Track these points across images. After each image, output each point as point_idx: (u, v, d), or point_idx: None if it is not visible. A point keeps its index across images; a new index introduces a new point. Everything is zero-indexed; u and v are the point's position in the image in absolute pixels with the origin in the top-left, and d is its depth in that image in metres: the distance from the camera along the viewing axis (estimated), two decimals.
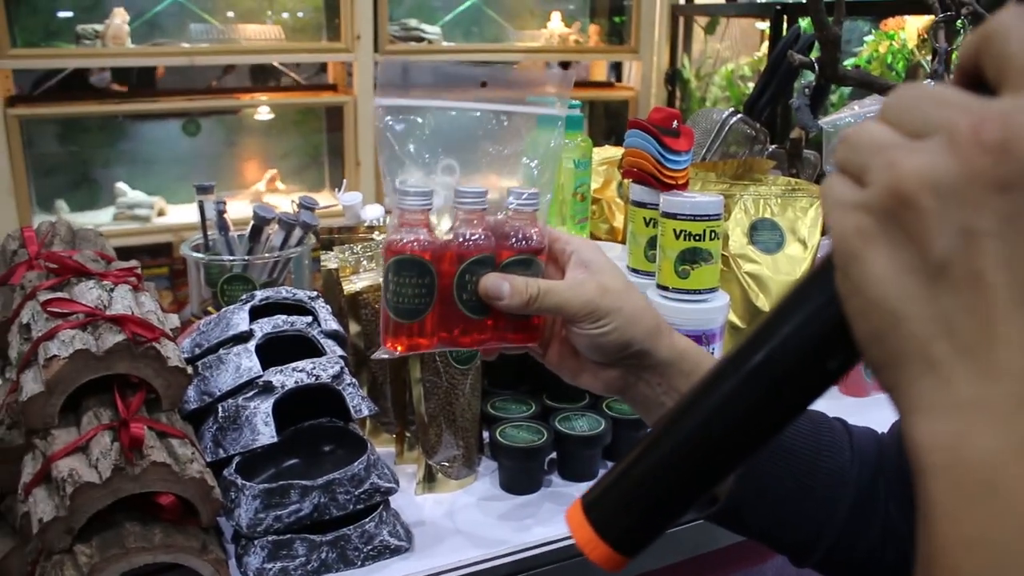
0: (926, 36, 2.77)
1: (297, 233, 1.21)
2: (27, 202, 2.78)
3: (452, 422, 0.96)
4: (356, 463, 0.83)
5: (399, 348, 0.67)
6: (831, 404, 1.32)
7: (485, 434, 1.05)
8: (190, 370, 0.83)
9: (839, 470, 0.65)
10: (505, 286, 0.66)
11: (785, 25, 2.99)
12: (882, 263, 0.29)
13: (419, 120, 0.67)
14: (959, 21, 1.17)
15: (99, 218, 3.03)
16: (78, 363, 0.76)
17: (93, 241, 1.12)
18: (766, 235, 1.24)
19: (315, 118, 3.56)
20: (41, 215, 2.93)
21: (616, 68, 3.99)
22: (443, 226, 0.68)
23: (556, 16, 3.68)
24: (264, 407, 0.86)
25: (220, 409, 0.87)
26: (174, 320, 0.94)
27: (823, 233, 1.26)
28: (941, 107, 0.29)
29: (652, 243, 1.18)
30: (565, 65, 3.93)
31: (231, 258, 1.17)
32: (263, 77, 3.46)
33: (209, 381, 0.90)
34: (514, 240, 0.68)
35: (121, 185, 3.04)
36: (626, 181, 1.40)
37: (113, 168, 3.20)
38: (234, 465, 0.84)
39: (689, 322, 1.09)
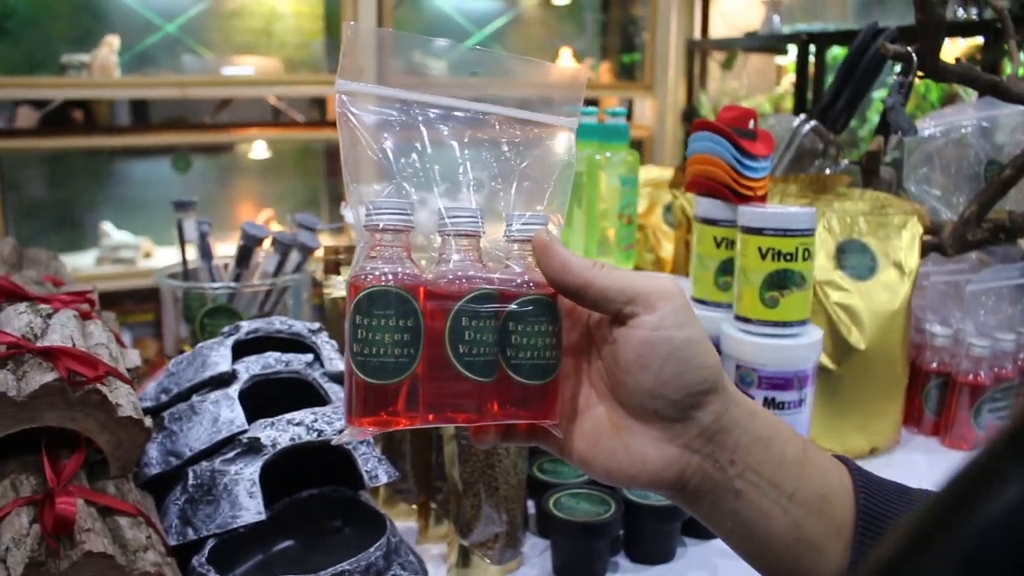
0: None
1: (295, 257, 1.01)
2: None
3: (494, 490, 0.74)
4: (373, 549, 0.61)
5: (369, 425, 0.45)
6: (932, 458, 1.13)
7: (530, 503, 0.84)
8: (149, 422, 0.62)
9: None
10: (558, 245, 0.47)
11: (812, 57, 2.83)
12: None
13: (395, 115, 0.48)
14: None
15: (81, 261, 2.83)
16: None
17: (44, 264, 0.92)
18: (855, 259, 1.04)
19: (314, 158, 3.38)
20: None
21: (627, 109, 3.83)
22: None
23: (566, 53, 3.53)
24: (249, 472, 0.64)
25: (191, 475, 0.66)
26: (134, 358, 0.73)
27: (922, 255, 1.06)
28: None
29: (724, 268, 0.98)
30: None
31: (213, 285, 0.97)
32: (260, 117, 3.28)
33: (177, 437, 0.68)
34: (519, 280, 0.47)
35: (106, 226, 2.85)
36: (681, 199, 1.20)
37: (99, 209, 3.01)
38: (207, 551, 0.62)
39: (777, 361, 0.89)
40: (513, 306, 0.46)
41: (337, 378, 0.76)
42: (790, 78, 3.14)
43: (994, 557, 0.22)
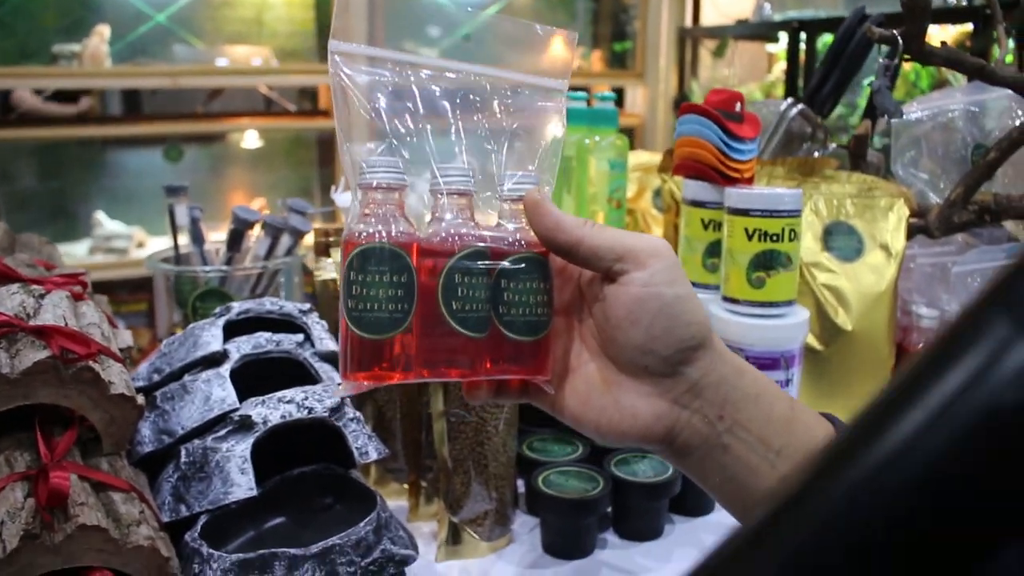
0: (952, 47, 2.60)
1: (285, 241, 1.01)
2: None
3: (483, 468, 0.75)
4: (362, 524, 0.62)
5: (364, 379, 0.46)
6: None
7: (519, 482, 0.85)
8: (141, 400, 0.63)
9: None
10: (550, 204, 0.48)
11: (803, 44, 2.84)
12: None
13: (387, 75, 0.49)
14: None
15: (74, 251, 2.83)
16: None
17: (36, 249, 0.92)
18: (842, 240, 1.05)
19: (305, 147, 3.38)
20: None
21: (618, 96, 3.84)
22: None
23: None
24: (240, 450, 0.65)
25: (183, 452, 0.67)
26: (127, 338, 0.74)
27: (908, 237, 1.07)
28: None
29: (712, 250, 0.99)
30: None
31: (205, 268, 0.97)
32: (252, 106, 3.28)
33: (170, 416, 0.69)
34: (512, 238, 0.48)
35: (99, 215, 2.85)
36: (670, 183, 1.21)
37: (92, 199, 3.00)
38: (199, 527, 0.63)
39: (764, 341, 0.89)
40: (505, 263, 0.47)
41: (328, 358, 0.77)
42: (781, 66, 3.15)
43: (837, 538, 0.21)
